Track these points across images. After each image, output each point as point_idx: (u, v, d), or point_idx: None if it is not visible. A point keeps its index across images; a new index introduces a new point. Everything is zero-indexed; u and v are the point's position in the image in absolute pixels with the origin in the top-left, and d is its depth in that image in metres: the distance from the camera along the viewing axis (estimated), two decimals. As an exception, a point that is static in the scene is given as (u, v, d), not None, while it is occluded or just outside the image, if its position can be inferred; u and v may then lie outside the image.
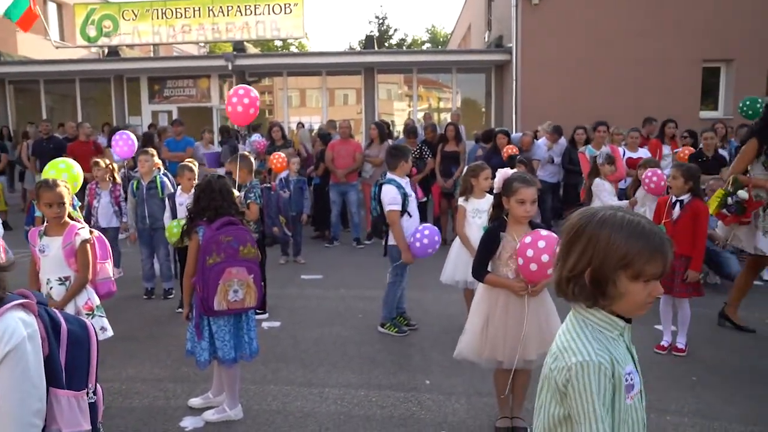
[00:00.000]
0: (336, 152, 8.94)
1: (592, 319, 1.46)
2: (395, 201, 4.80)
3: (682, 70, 12.17)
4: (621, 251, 1.36)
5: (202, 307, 3.27)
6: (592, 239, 1.40)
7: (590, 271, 1.40)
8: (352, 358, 4.57)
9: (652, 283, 1.39)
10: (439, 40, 39.64)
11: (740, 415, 3.63)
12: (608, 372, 1.38)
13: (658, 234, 1.38)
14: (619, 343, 1.46)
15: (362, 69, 14.60)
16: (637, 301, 1.41)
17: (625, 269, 1.37)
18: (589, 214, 1.45)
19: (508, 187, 3.13)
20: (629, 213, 1.42)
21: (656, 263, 1.36)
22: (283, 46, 31.50)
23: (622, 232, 1.37)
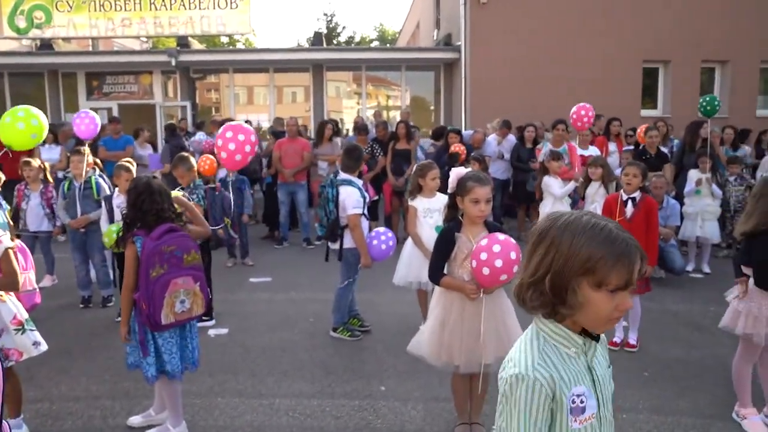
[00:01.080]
0: (283, 151, 8.70)
1: (546, 331, 1.36)
2: (359, 204, 4.67)
3: (624, 71, 12.48)
4: (583, 255, 1.25)
5: (149, 323, 3.03)
6: (554, 243, 1.30)
7: (550, 277, 1.30)
8: (303, 365, 4.40)
9: (620, 294, 1.27)
10: (388, 38, 39.63)
11: (691, 408, 3.68)
12: (546, 390, 1.28)
13: (626, 240, 1.26)
14: (576, 362, 1.35)
15: (311, 66, 14.34)
16: (601, 312, 1.28)
17: (587, 275, 1.26)
18: (554, 217, 1.35)
19: (462, 186, 3.04)
20: (597, 217, 1.31)
21: (621, 271, 1.25)
22: (229, 42, 30.78)
23: (585, 235, 1.27)
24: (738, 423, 3.46)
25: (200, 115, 14.38)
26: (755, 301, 3.34)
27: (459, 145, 8.08)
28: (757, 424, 3.39)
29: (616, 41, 12.28)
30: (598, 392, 1.37)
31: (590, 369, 1.37)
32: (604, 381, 1.41)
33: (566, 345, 1.35)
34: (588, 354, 1.38)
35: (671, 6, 12.35)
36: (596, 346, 1.39)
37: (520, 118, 9.63)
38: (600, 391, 1.38)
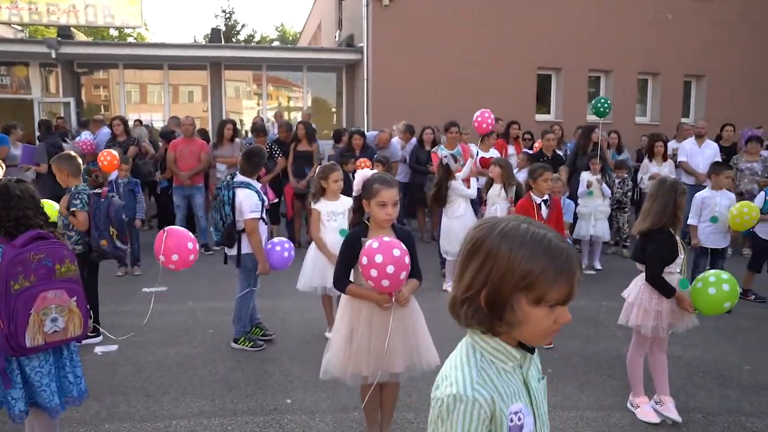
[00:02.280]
0: (179, 152, 8.23)
1: (483, 346, 1.26)
2: (256, 208, 4.45)
3: (520, 76, 13.02)
4: (522, 270, 1.16)
5: (9, 346, 2.57)
6: (490, 255, 1.20)
7: (486, 293, 1.20)
8: (203, 381, 4.11)
9: (559, 308, 1.20)
10: (289, 38, 39.05)
11: (592, 401, 3.81)
12: (484, 410, 1.19)
13: (566, 251, 1.18)
14: (513, 377, 1.27)
15: (208, 64, 13.75)
16: (540, 328, 1.21)
17: (525, 292, 1.17)
18: (490, 225, 1.24)
19: (368, 189, 2.93)
20: (536, 225, 1.21)
21: (562, 286, 1.17)
22: (119, 35, 28.95)
23: (525, 247, 1.17)
24: (632, 412, 3.62)
25: (86, 113, 13.32)
26: (646, 295, 3.50)
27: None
28: (650, 411, 3.55)
29: (512, 48, 12.78)
30: (534, 408, 1.30)
31: (526, 384, 1.29)
32: (539, 395, 1.33)
33: (503, 360, 1.26)
34: (524, 368, 1.30)
35: (563, 17, 13.04)
36: (531, 359, 1.32)
37: (421, 120, 9.72)
38: (536, 406, 1.31)
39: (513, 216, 1.28)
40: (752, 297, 6.29)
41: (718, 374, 4.26)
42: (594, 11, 13.19)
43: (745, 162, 8.42)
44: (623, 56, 13.53)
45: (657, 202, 3.47)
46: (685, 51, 13.78)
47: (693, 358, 4.57)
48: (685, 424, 3.49)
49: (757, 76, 14.15)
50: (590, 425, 3.48)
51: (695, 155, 8.89)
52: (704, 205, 5.86)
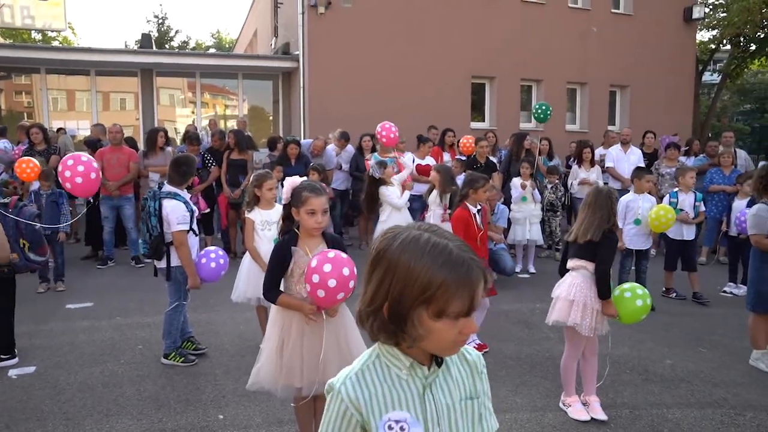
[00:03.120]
0: (106, 161, 7.88)
1: (382, 350, 1.25)
2: (184, 220, 4.27)
3: (455, 85, 13.26)
4: (421, 283, 1.12)
5: None
6: (390, 267, 1.16)
7: (389, 305, 1.16)
8: (129, 400, 3.91)
9: (463, 319, 1.15)
10: (225, 45, 38.34)
11: (526, 402, 3.88)
12: (349, 406, 1.20)
13: (467, 261, 1.14)
14: (409, 386, 1.23)
15: (139, 70, 13.28)
16: (446, 340, 1.17)
17: (426, 305, 1.13)
18: (392, 235, 1.20)
19: (297, 197, 2.87)
20: (438, 234, 1.18)
21: (462, 299, 1.12)
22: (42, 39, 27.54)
23: (424, 259, 1.13)
24: (565, 411, 3.71)
25: (5, 121, 12.56)
26: (584, 292, 3.59)
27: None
28: (580, 410, 3.65)
29: (448, 57, 13.00)
30: (429, 423, 1.22)
31: (423, 396, 1.24)
32: (444, 412, 1.25)
33: (398, 366, 1.23)
34: (428, 379, 1.24)
35: (496, 28, 13.39)
36: (439, 372, 1.27)
37: (358, 127, 9.73)
38: (433, 421, 1.23)
39: (418, 224, 1.24)
40: (673, 295, 6.62)
41: (643, 370, 4.44)
42: (525, 23, 13.63)
43: (666, 167, 8.87)
44: (553, 66, 14.03)
45: (599, 212, 3.60)
46: (610, 63, 14.44)
47: (621, 355, 4.73)
48: (613, 419, 3.61)
49: (673, 87, 15.01)
50: (524, 426, 3.54)
51: (621, 161, 9.30)
52: (628, 208, 6.12)
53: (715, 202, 8.40)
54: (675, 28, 15.21)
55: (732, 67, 19.03)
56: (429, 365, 1.25)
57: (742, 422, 3.58)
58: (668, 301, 6.50)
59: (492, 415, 1.38)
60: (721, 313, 6.13)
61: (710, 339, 5.23)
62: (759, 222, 4.44)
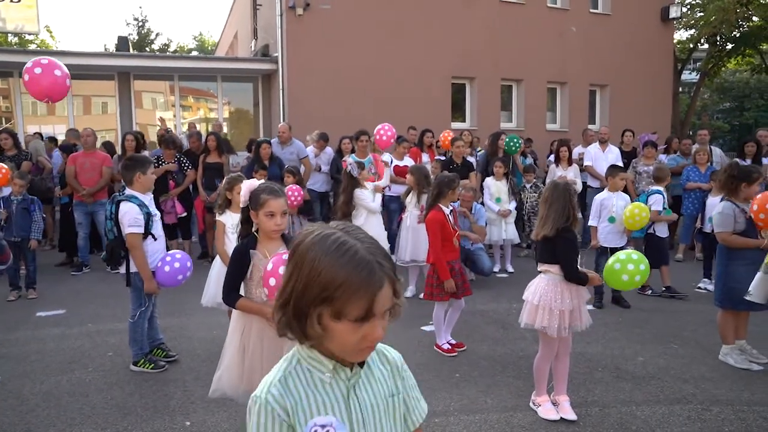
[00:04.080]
0: (79, 166, 7.79)
1: (302, 353, 1.22)
2: (137, 222, 4.20)
3: (436, 85, 13.27)
4: (321, 281, 1.10)
5: None
6: (298, 263, 1.15)
7: (293, 303, 1.15)
8: (95, 409, 3.84)
9: (368, 324, 1.12)
10: (208, 48, 38.11)
11: (497, 403, 3.86)
12: (278, 413, 1.16)
13: (371, 264, 1.10)
14: (332, 389, 1.22)
15: (116, 74, 13.13)
16: (347, 344, 1.14)
17: (327, 305, 1.11)
18: (308, 232, 1.20)
19: (256, 199, 2.84)
20: (352, 234, 1.16)
21: (360, 301, 1.09)
22: (19, 42, 27.19)
23: (328, 257, 1.11)
24: (534, 411, 3.70)
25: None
26: (549, 296, 3.59)
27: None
28: (550, 409, 3.64)
29: (428, 57, 13.01)
30: (354, 424, 1.22)
31: (348, 398, 1.22)
32: (369, 412, 1.24)
33: (320, 369, 1.21)
34: (351, 380, 1.23)
35: (475, 28, 13.43)
36: (361, 373, 1.26)
37: (339, 129, 9.68)
38: (358, 422, 1.22)
39: (338, 223, 1.22)
40: (649, 292, 6.65)
41: (615, 367, 4.45)
42: (505, 23, 13.68)
43: (643, 165, 8.92)
44: (533, 66, 14.10)
45: (554, 206, 3.57)
46: (589, 62, 14.55)
47: (594, 353, 4.74)
48: (582, 418, 3.60)
49: (652, 86, 15.16)
50: (493, 427, 3.52)
51: (599, 159, 9.35)
52: (602, 206, 6.13)
53: (691, 199, 8.48)
54: (653, 27, 15.37)
55: (709, 65, 19.25)
56: (351, 366, 1.24)
57: (708, 417, 3.59)
58: (643, 298, 6.53)
59: (420, 401, 1.40)
60: (695, 308, 6.16)
61: (683, 335, 5.26)
62: (725, 220, 4.46)
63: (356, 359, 1.21)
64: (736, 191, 4.60)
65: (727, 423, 3.52)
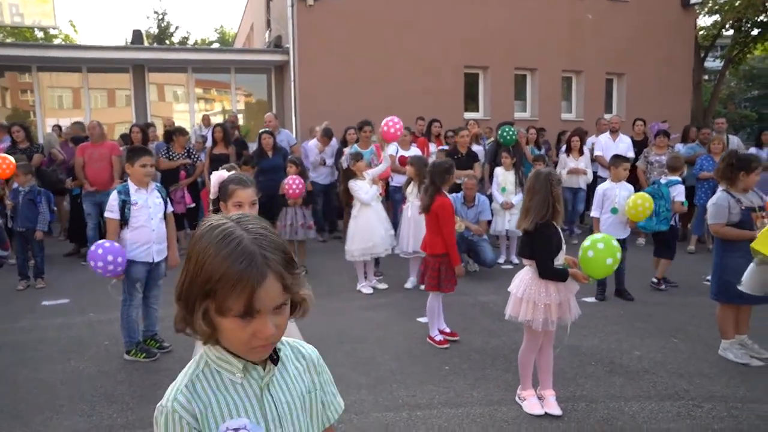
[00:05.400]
0: (87, 157, 7.88)
1: (209, 355, 1.17)
2: (111, 208, 4.35)
3: (448, 75, 13.12)
4: (204, 274, 1.06)
5: None
6: (190, 256, 1.11)
7: (183, 296, 1.11)
8: (83, 397, 3.89)
9: (257, 320, 1.07)
10: (228, 40, 38.28)
11: (483, 397, 3.81)
12: (187, 421, 1.11)
13: (253, 256, 1.05)
14: (245, 390, 1.17)
15: (131, 67, 13.27)
16: (237, 341, 1.10)
17: (210, 299, 1.06)
18: (204, 223, 1.15)
19: (224, 190, 2.84)
20: (242, 225, 1.11)
21: (238, 297, 1.04)
22: (45, 37, 27.65)
23: (210, 249, 1.07)
24: (519, 405, 3.64)
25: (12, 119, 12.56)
26: (533, 289, 3.52)
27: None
28: (535, 404, 3.58)
29: (440, 47, 12.86)
30: (270, 424, 1.18)
31: (262, 398, 1.18)
32: (285, 411, 1.21)
33: (230, 370, 1.16)
34: (264, 379, 1.19)
35: (488, 16, 13.22)
36: (275, 369, 1.22)
37: (349, 120, 9.62)
38: (274, 421, 1.19)
39: (234, 214, 1.18)
40: (663, 286, 6.42)
41: (609, 362, 4.35)
42: (518, 11, 13.44)
43: (655, 155, 8.71)
44: (547, 55, 13.84)
45: (535, 197, 3.49)
46: (605, 50, 14.22)
47: (589, 347, 4.65)
48: (568, 413, 3.53)
49: (672, 74, 14.76)
50: (476, 421, 3.47)
51: (610, 149, 9.15)
52: (605, 197, 6.00)
53: (704, 189, 8.26)
54: (672, 13, 14.95)
55: (734, 52, 18.68)
56: (264, 365, 1.20)
57: (699, 414, 3.49)
58: (649, 292, 6.37)
59: (336, 396, 1.36)
60: (703, 302, 5.94)
61: (686, 329, 5.12)
62: (719, 211, 4.32)
63: (253, 357, 1.16)
64: (734, 180, 4.44)
65: (717, 420, 3.42)
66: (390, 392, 3.86)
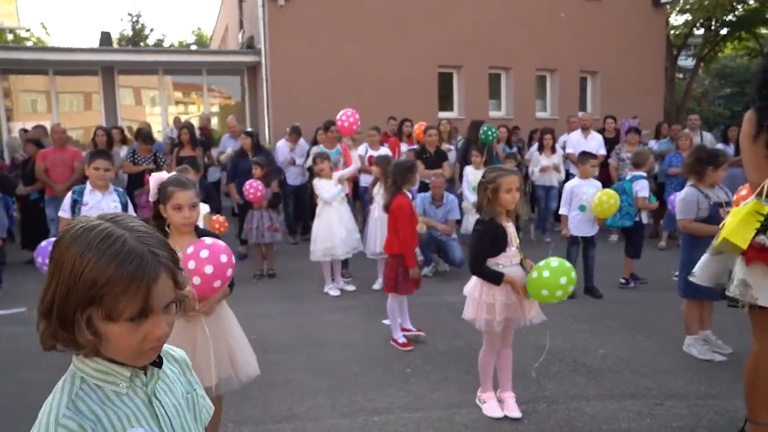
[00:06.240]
0: (49, 162, 7.68)
1: (85, 370, 1.08)
2: (63, 207, 4.42)
3: (421, 74, 13.07)
4: (86, 280, 0.99)
5: None
6: (58, 262, 1.03)
7: (57, 307, 1.02)
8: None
9: (149, 321, 1.02)
10: (206, 42, 37.92)
11: (443, 399, 3.73)
12: None
13: (142, 255, 1.01)
14: (133, 399, 1.10)
15: (99, 69, 13.02)
16: (126, 347, 1.04)
17: (96, 306, 1.00)
18: (69, 227, 1.06)
19: (163, 192, 2.72)
20: (121, 224, 1.04)
21: (132, 299, 0.99)
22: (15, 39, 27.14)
23: (91, 252, 0.99)
24: (479, 407, 3.57)
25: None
26: (477, 288, 3.45)
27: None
28: (495, 406, 3.51)
29: (414, 47, 12.81)
30: (164, 429, 1.14)
31: (151, 404, 1.13)
32: (174, 414, 1.17)
33: (113, 381, 1.08)
34: (149, 385, 1.13)
35: (462, 16, 13.20)
36: (159, 373, 1.16)
37: (322, 121, 9.53)
38: (167, 426, 1.14)
39: (106, 214, 1.10)
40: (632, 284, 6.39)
41: (573, 361, 4.30)
42: (492, 10, 13.44)
43: (626, 152, 8.72)
44: (521, 54, 13.87)
45: (479, 193, 3.45)
46: (579, 49, 14.29)
47: (554, 346, 4.57)
48: (528, 415, 3.46)
49: (644, 72, 14.88)
50: (433, 425, 3.39)
51: (581, 146, 9.12)
52: (573, 194, 5.97)
53: (674, 185, 8.28)
54: (644, 12, 15.08)
55: (705, 51, 18.91)
56: (146, 370, 1.14)
57: (659, 412, 3.44)
58: (620, 289, 6.34)
59: (206, 398, 1.34)
60: (672, 298, 5.95)
61: (653, 326, 5.10)
62: (687, 206, 4.30)
63: (141, 363, 1.10)
64: (702, 175, 4.44)
65: (678, 418, 3.37)
66: (348, 397, 3.76)
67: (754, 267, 2.80)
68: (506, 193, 3.30)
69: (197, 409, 1.26)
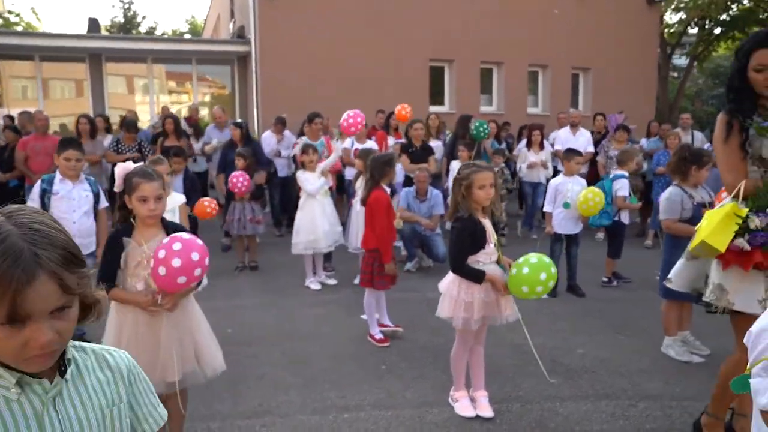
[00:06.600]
0: (30, 150, 7.55)
1: None
2: (32, 196, 4.31)
3: (412, 68, 12.98)
4: None
5: None
6: None
7: None
8: None
9: (30, 327, 0.96)
10: (199, 32, 37.61)
11: (416, 397, 3.68)
12: None
13: (18, 253, 0.94)
14: (21, 407, 1.03)
15: (87, 56, 12.85)
16: (6, 350, 0.97)
17: None
18: None
19: (129, 183, 2.66)
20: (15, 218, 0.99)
21: (1, 300, 0.93)
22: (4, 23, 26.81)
23: None
24: (452, 406, 3.52)
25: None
26: (454, 286, 3.40)
27: None
28: (467, 406, 3.46)
29: (405, 40, 12.71)
30: None
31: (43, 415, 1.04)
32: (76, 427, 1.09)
33: (3, 386, 1.02)
34: (49, 393, 1.05)
35: (454, 10, 13.10)
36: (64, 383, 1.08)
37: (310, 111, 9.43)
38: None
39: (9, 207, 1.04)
40: (615, 283, 6.35)
41: (550, 360, 4.24)
42: (485, 4, 13.34)
43: (614, 149, 8.68)
44: (513, 49, 13.80)
45: (455, 189, 3.39)
46: (571, 45, 14.22)
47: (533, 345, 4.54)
48: (501, 415, 3.42)
49: (637, 70, 14.85)
50: (404, 424, 3.34)
51: (569, 143, 9.08)
52: (558, 191, 5.91)
53: (661, 184, 8.24)
54: (638, 10, 15.03)
55: (699, 49, 18.89)
56: (53, 378, 1.06)
57: (633, 413, 3.40)
58: (604, 288, 6.31)
59: (157, 407, 1.27)
60: (655, 297, 5.91)
61: (634, 326, 5.06)
62: (671, 206, 4.26)
63: (32, 369, 1.02)
64: (686, 175, 4.42)
65: (651, 419, 3.33)
66: (320, 393, 3.70)
67: (730, 271, 2.75)
68: (479, 190, 3.24)
69: (119, 424, 1.17)
